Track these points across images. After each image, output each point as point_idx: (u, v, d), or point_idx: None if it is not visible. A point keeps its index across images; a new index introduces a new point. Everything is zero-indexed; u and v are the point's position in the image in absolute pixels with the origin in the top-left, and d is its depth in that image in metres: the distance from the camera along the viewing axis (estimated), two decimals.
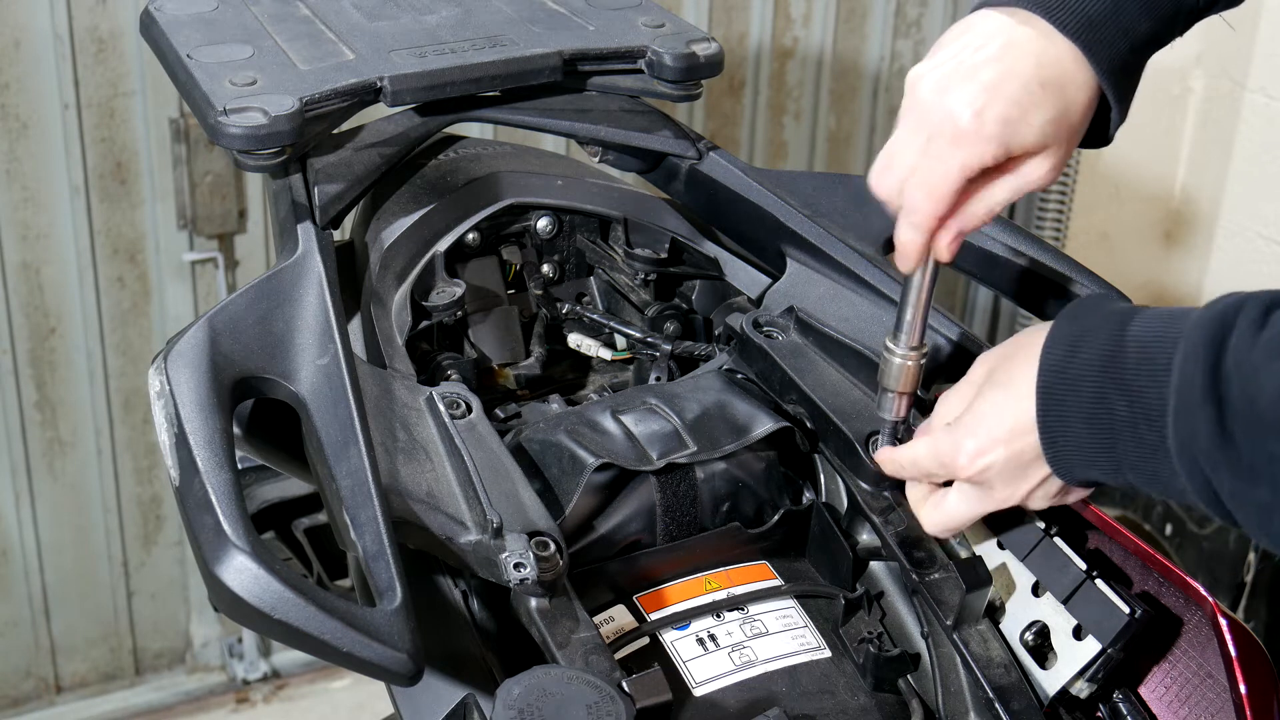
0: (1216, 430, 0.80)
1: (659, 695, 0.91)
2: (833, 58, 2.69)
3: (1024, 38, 0.94)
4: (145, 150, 2.19)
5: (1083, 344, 0.89)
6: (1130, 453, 0.87)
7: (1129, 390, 0.86)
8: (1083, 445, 0.90)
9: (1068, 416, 0.90)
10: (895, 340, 1.06)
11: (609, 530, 1.07)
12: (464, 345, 1.29)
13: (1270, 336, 0.80)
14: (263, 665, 2.59)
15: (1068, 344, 0.90)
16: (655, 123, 1.36)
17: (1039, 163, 0.96)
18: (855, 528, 1.10)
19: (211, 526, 0.90)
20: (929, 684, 1.04)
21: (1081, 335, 0.90)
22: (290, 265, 1.11)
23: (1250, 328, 0.81)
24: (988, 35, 0.95)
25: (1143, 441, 0.86)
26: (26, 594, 2.39)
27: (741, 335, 1.20)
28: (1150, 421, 0.85)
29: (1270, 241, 3.11)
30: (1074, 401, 0.89)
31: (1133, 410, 0.86)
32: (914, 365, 1.06)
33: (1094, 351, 0.88)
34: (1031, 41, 0.94)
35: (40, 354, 2.25)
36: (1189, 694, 1.02)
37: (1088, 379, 0.88)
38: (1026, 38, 0.94)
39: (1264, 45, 3.00)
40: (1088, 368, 0.88)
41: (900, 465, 1.05)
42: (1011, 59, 0.93)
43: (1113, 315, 0.90)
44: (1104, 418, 0.88)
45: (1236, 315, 0.82)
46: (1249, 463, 0.79)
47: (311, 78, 1.24)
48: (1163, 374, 0.84)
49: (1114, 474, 0.89)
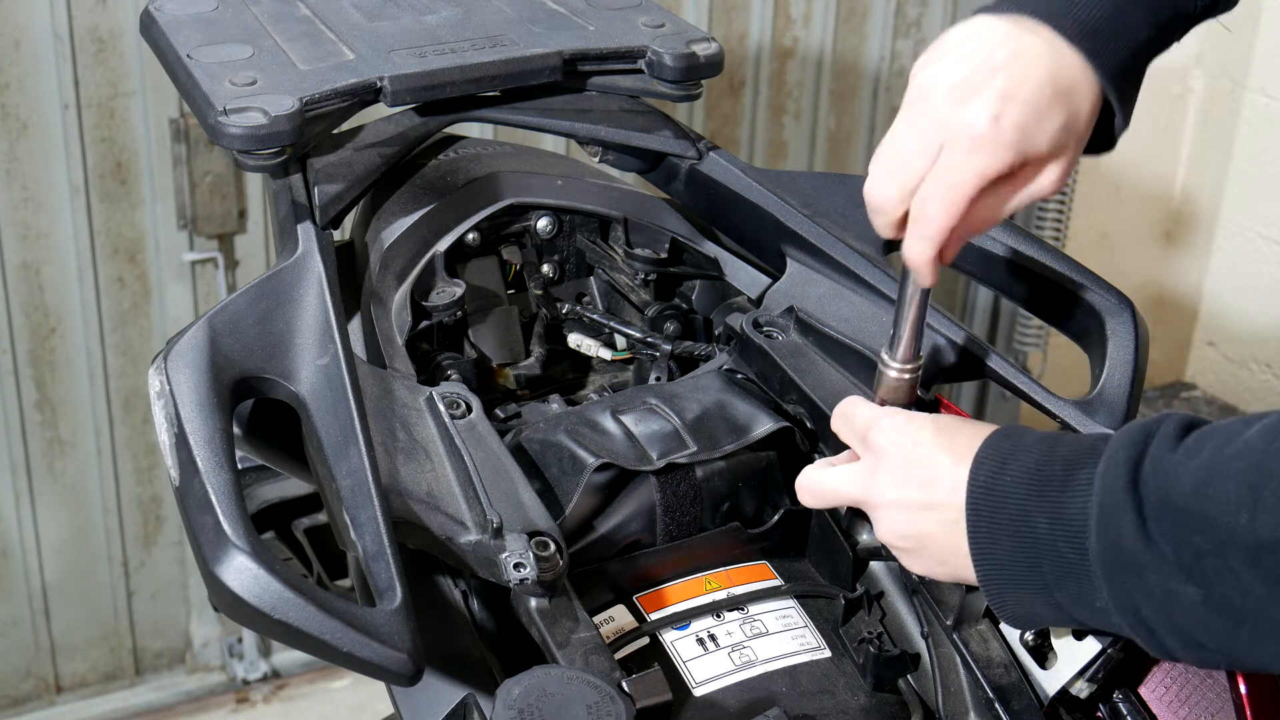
0: (1139, 532, 0.81)
1: (659, 695, 0.91)
2: (833, 58, 2.69)
3: (1032, 45, 0.93)
4: (145, 150, 2.19)
5: (1012, 460, 0.90)
6: (1053, 570, 0.87)
7: (1052, 505, 0.86)
8: (1009, 563, 0.89)
9: (996, 534, 0.89)
10: (891, 354, 1.05)
11: (609, 530, 1.07)
12: (464, 345, 1.29)
13: (1189, 442, 0.82)
14: (263, 665, 2.59)
15: (998, 460, 0.90)
16: (655, 123, 1.36)
17: (1049, 170, 0.96)
18: (855, 528, 1.10)
19: (211, 526, 0.90)
20: (929, 684, 1.04)
21: (1012, 452, 0.90)
22: (290, 265, 1.11)
23: (1172, 434, 0.83)
24: (995, 43, 0.94)
25: (1062, 558, 0.86)
26: (26, 594, 2.39)
27: (741, 335, 1.20)
28: (1070, 539, 0.85)
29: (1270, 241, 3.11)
30: (1002, 518, 0.89)
31: (1053, 528, 0.86)
32: (908, 381, 1.05)
33: (1021, 468, 0.89)
34: (1040, 49, 0.93)
35: (40, 354, 2.25)
36: (1189, 694, 1.02)
37: (1014, 496, 0.88)
38: (1034, 45, 0.93)
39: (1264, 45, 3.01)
40: (1015, 485, 0.89)
41: (821, 493, 1.03)
42: (1023, 66, 0.93)
43: (1045, 436, 0.90)
44: (1028, 535, 0.87)
45: (1159, 426, 0.84)
46: (1176, 562, 0.80)
47: (311, 78, 1.24)
48: (1084, 488, 0.84)
49: (1043, 594, 0.89)
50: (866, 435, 0.99)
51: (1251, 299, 3.21)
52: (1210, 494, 0.79)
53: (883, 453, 0.97)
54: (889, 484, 0.96)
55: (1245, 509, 0.77)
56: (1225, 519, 0.78)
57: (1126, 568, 0.82)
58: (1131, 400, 1.13)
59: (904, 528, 0.96)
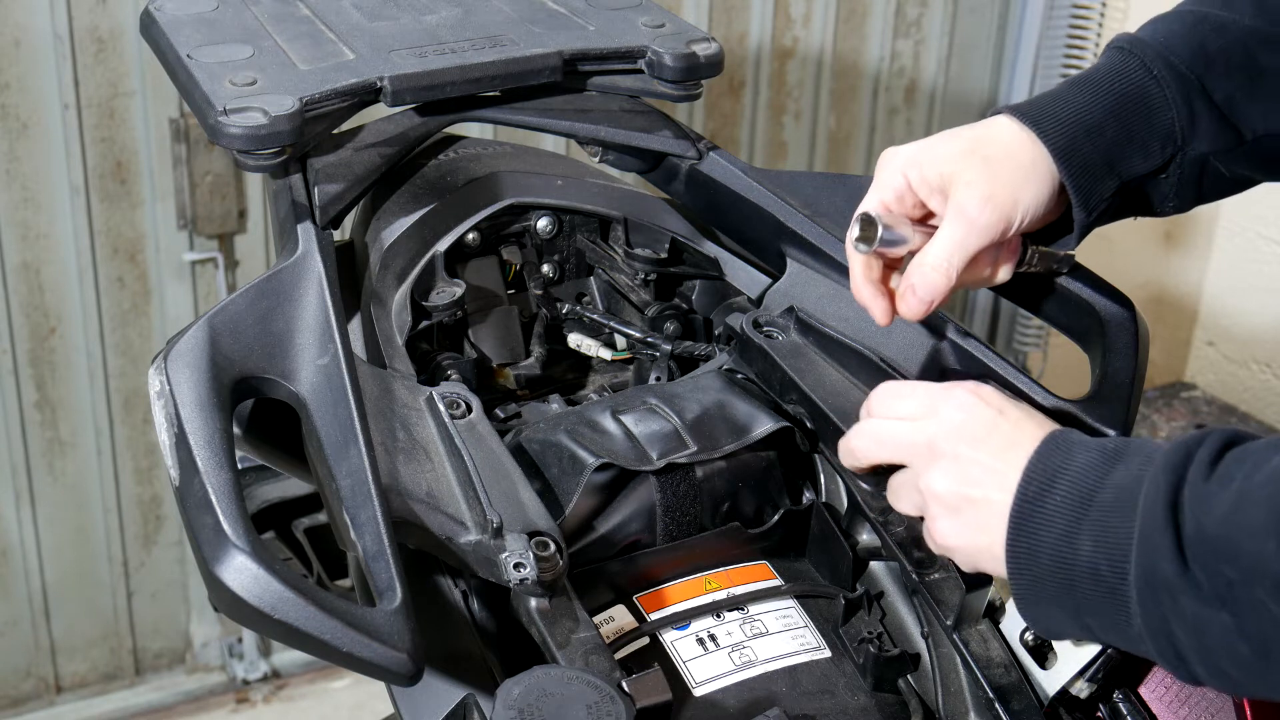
0: (1177, 558, 0.81)
1: (659, 695, 0.91)
2: (833, 58, 2.69)
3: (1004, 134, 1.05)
4: (145, 150, 2.20)
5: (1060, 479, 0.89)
6: (1089, 593, 0.87)
7: (1097, 528, 0.86)
8: (1046, 579, 0.89)
9: (1037, 551, 0.89)
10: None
11: (609, 530, 1.07)
12: (464, 345, 1.29)
13: (1222, 470, 0.82)
14: (263, 665, 2.59)
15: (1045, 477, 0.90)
16: (655, 123, 1.36)
17: (965, 186, 1.04)
18: (855, 528, 1.10)
19: (211, 526, 0.90)
20: (929, 684, 1.04)
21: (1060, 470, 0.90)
22: (290, 265, 1.11)
23: (1207, 460, 0.83)
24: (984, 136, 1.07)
25: (1101, 581, 0.86)
26: (26, 594, 2.39)
27: (741, 335, 1.20)
28: (1112, 562, 0.85)
29: (1270, 241, 3.11)
30: (1045, 536, 0.89)
31: (1095, 550, 0.86)
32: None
33: (1072, 490, 0.88)
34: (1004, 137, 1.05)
35: (40, 354, 2.25)
36: (1189, 694, 1.02)
37: (1060, 516, 0.88)
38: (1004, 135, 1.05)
39: None
40: (1064, 505, 0.88)
41: (880, 437, 1.01)
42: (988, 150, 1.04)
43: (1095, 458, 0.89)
44: (1069, 557, 0.87)
45: (1197, 449, 0.84)
46: (1209, 589, 0.80)
47: (311, 78, 1.24)
48: (1131, 512, 0.85)
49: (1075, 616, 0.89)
50: (936, 400, 0.98)
51: (1251, 299, 3.21)
52: (1239, 521, 0.79)
53: (962, 407, 0.96)
54: (961, 439, 0.95)
55: (1272, 538, 0.77)
56: (1253, 547, 0.78)
57: (1161, 590, 0.82)
58: (1131, 400, 1.13)
59: (964, 484, 0.94)
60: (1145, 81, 1.07)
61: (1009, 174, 1.04)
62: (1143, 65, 1.07)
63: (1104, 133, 1.05)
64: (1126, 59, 1.08)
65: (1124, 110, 1.06)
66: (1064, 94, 1.08)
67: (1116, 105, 1.06)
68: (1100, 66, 1.09)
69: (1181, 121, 1.06)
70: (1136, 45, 1.08)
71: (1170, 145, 1.07)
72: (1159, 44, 1.08)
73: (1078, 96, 1.07)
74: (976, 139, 1.06)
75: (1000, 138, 1.06)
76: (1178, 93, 1.06)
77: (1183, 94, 1.06)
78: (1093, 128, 1.05)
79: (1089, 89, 1.07)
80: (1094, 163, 1.05)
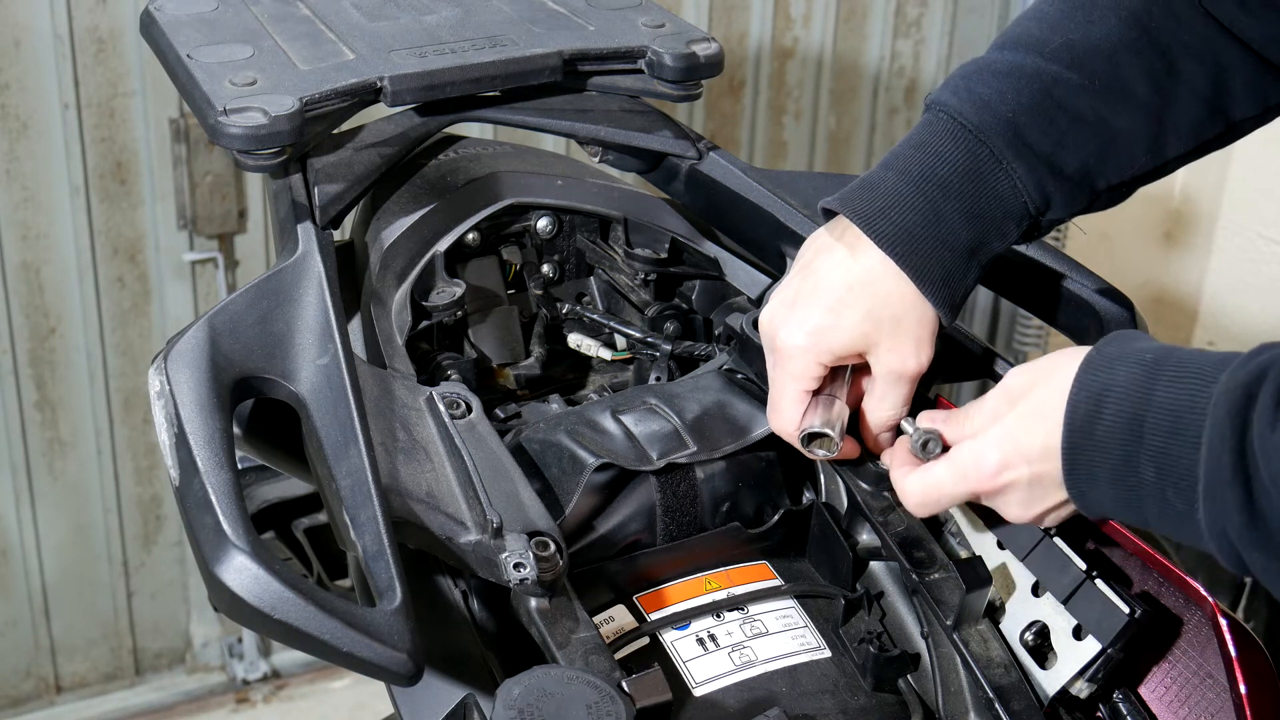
0: (1246, 510, 0.80)
1: (659, 695, 0.91)
2: (833, 58, 2.69)
3: (838, 251, 1.05)
4: (145, 150, 2.20)
5: (1107, 402, 0.88)
6: (1157, 514, 0.87)
7: (1159, 457, 0.85)
8: (1108, 502, 0.89)
9: (1096, 475, 0.89)
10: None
11: (609, 530, 1.07)
12: (464, 345, 1.29)
13: None
14: (263, 665, 2.59)
15: (1092, 400, 0.89)
16: (655, 123, 1.36)
17: (888, 353, 1.04)
18: (855, 528, 1.10)
19: (211, 526, 0.90)
20: (929, 684, 1.04)
21: (1105, 391, 0.88)
22: (290, 265, 1.11)
23: (1271, 404, 0.80)
24: (813, 252, 1.07)
25: (1171, 507, 0.85)
26: (26, 594, 2.39)
27: (741, 335, 1.20)
28: (1180, 491, 0.84)
29: (1270, 241, 3.11)
30: (1102, 461, 0.88)
31: (1162, 478, 0.85)
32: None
33: (1121, 415, 0.87)
34: (842, 253, 1.05)
35: (40, 354, 2.25)
36: (1189, 694, 1.02)
37: (1114, 442, 0.87)
38: (839, 251, 1.05)
39: None
40: (1114, 430, 0.87)
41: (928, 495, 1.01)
42: (823, 272, 1.05)
43: (1138, 370, 0.88)
44: (1131, 480, 0.87)
45: (1259, 387, 0.81)
46: (1279, 542, 0.79)
47: (311, 78, 1.24)
48: (1192, 448, 0.83)
49: (1141, 524, 0.89)
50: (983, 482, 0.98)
51: (1251, 299, 3.20)
52: None
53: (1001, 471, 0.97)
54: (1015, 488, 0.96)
55: None
56: None
57: (1233, 539, 0.82)
58: None
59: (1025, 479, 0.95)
60: (992, 171, 1.04)
61: (913, 323, 1.04)
62: (983, 145, 1.04)
63: (959, 236, 1.03)
64: (968, 141, 1.04)
65: (977, 209, 1.04)
66: (907, 197, 1.04)
67: (968, 206, 1.03)
68: (944, 154, 1.04)
69: (1035, 201, 1.05)
70: (970, 118, 1.04)
71: (1025, 219, 1.05)
72: (1002, 120, 1.04)
73: (924, 202, 1.03)
74: (869, 307, 1.03)
75: (882, 291, 1.03)
76: (1029, 180, 1.04)
77: (1034, 180, 1.04)
78: (947, 238, 1.03)
79: (937, 188, 1.03)
80: (955, 272, 1.04)
